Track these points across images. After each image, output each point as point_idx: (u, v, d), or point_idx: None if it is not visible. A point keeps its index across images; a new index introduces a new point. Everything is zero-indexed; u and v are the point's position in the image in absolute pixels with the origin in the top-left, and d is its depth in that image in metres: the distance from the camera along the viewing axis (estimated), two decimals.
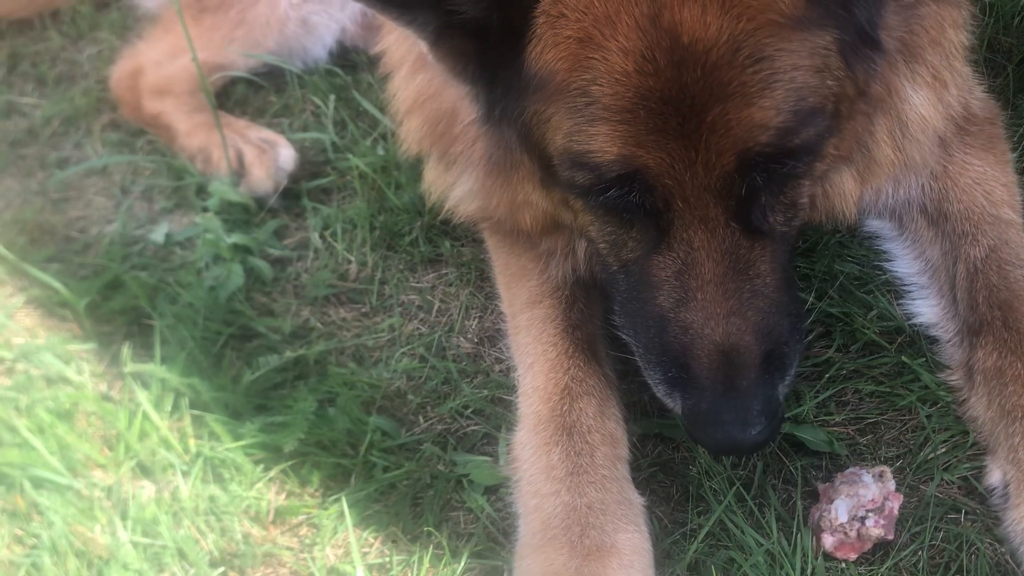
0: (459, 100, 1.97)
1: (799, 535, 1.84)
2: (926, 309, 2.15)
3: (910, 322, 2.14)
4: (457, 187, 2.11)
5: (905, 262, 2.23)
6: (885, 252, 2.28)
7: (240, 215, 2.59)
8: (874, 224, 2.30)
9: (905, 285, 2.21)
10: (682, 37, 1.52)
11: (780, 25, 1.54)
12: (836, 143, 1.74)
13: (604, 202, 1.67)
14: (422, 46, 1.76)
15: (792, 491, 1.92)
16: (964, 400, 1.98)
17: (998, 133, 2.26)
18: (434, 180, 2.22)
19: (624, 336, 1.87)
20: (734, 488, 1.91)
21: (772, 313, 1.69)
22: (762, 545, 1.82)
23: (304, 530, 1.96)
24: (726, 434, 1.66)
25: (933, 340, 2.11)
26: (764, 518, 1.88)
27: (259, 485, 2.00)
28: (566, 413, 1.95)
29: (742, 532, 1.85)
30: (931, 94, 1.96)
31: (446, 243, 2.49)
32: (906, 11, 1.83)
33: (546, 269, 2.15)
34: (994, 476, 1.88)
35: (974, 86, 2.17)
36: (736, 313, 1.66)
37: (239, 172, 2.60)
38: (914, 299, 2.18)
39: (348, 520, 1.88)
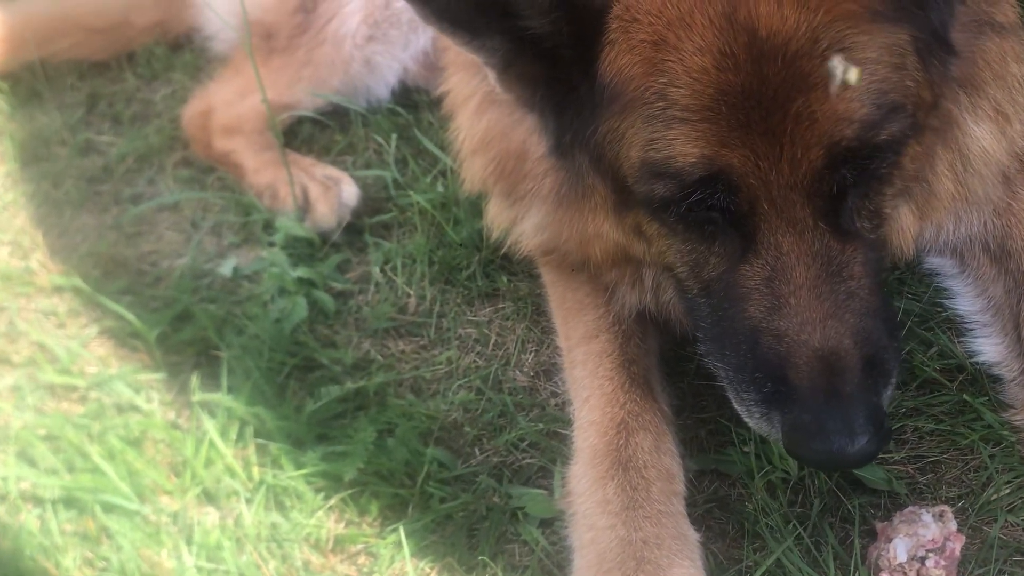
0: (527, 138, 2.01)
1: (856, 574, 1.82)
2: (989, 347, 2.12)
3: (972, 360, 2.11)
4: (524, 222, 2.14)
5: (967, 299, 2.20)
6: (946, 289, 2.25)
7: (305, 249, 2.67)
8: (935, 261, 2.28)
9: (967, 323, 2.18)
10: (760, 31, 1.52)
11: (857, 16, 1.54)
12: (912, 155, 1.72)
13: (685, 214, 1.65)
14: (490, 75, 1.79)
15: (850, 529, 1.90)
16: None
17: None
18: (497, 216, 2.26)
19: (711, 363, 1.81)
20: (790, 525, 1.90)
21: (869, 316, 1.63)
22: None
23: (362, 559, 2.00)
24: (832, 446, 1.57)
25: (996, 379, 2.08)
26: (821, 556, 1.86)
27: (319, 513, 2.05)
28: (622, 448, 1.95)
29: (799, 570, 1.83)
30: (994, 128, 1.95)
31: (503, 278, 2.53)
32: (968, 32, 1.81)
33: (604, 304, 2.17)
34: None
35: None
36: (832, 316, 1.60)
37: (304, 208, 2.68)
38: (976, 337, 2.15)
39: (406, 550, 1.91)
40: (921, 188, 1.88)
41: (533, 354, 2.39)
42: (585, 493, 1.94)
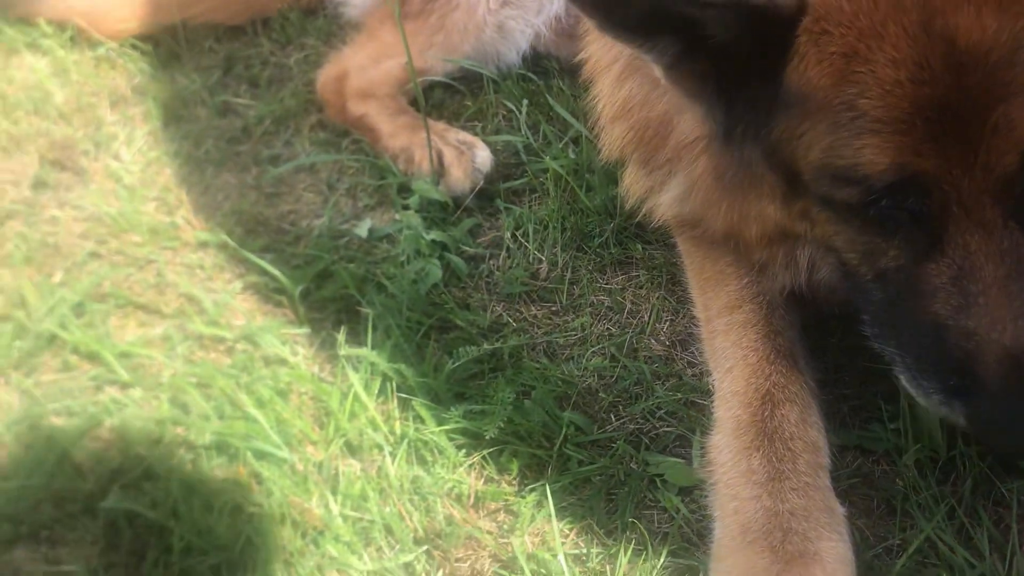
0: (671, 109, 2.00)
1: (1015, 559, 1.77)
2: None
3: None
4: (663, 192, 2.13)
5: None
6: None
7: (438, 213, 2.70)
8: None
9: None
10: (958, 41, 1.49)
11: None
12: None
13: (869, 215, 1.64)
14: (655, 69, 1.77)
15: (1004, 513, 1.85)
16: None
17: None
18: (633, 184, 2.25)
19: (880, 345, 1.81)
20: (941, 505, 1.86)
21: None
22: (975, 567, 1.77)
23: (502, 516, 2.03)
24: (1019, 437, 1.63)
25: None
26: (976, 539, 1.82)
27: (460, 470, 2.08)
28: (767, 419, 1.94)
29: (952, 551, 1.80)
30: None
31: (637, 246, 2.53)
32: None
33: (747, 274, 2.14)
34: None
35: None
36: (1023, 315, 1.59)
37: (439, 172, 2.71)
38: None
39: (551, 507, 1.94)
40: None
41: (668, 323, 2.38)
42: (728, 463, 1.93)
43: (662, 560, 1.87)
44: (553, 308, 2.47)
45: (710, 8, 1.52)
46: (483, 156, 2.73)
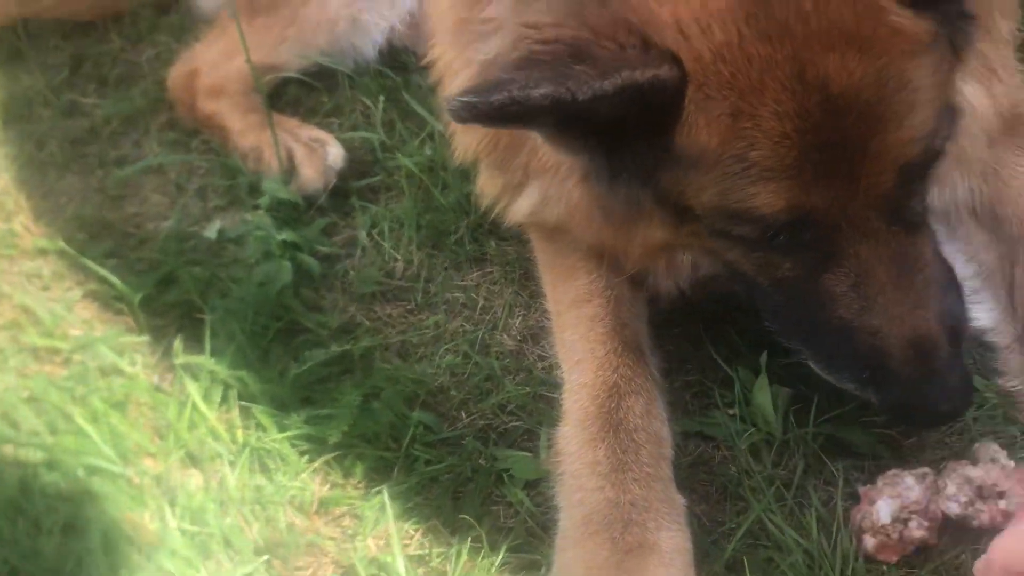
0: None
1: (839, 536, 1.82)
2: (982, 313, 2.11)
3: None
4: (520, 197, 2.12)
5: (958, 265, 2.18)
6: None
7: (290, 213, 2.65)
8: None
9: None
10: (831, 87, 1.54)
11: (912, 51, 1.58)
12: None
13: (764, 246, 1.72)
14: (535, 136, 1.76)
15: (833, 492, 1.90)
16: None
17: None
18: (487, 186, 2.23)
19: (787, 341, 1.88)
20: (773, 487, 1.90)
21: (943, 294, 1.75)
22: (801, 545, 1.81)
23: (347, 521, 2.00)
24: (933, 414, 1.76)
25: (988, 346, 2.08)
26: (804, 518, 1.86)
27: (304, 476, 2.04)
28: (614, 410, 1.95)
29: (781, 532, 1.84)
30: (981, 85, 1.96)
31: (491, 242, 2.52)
32: None
33: (596, 268, 2.15)
34: None
35: (1022, 86, 2.14)
36: (917, 307, 1.70)
37: (289, 170, 2.65)
38: (970, 303, 2.15)
39: (389, 511, 1.91)
40: None
41: (520, 318, 2.37)
42: (574, 455, 1.94)
43: (501, 556, 1.86)
44: (408, 307, 2.44)
45: (598, 101, 1.51)
46: (335, 154, 2.68)
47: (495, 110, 1.48)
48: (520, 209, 2.16)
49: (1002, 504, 1.79)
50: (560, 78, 1.47)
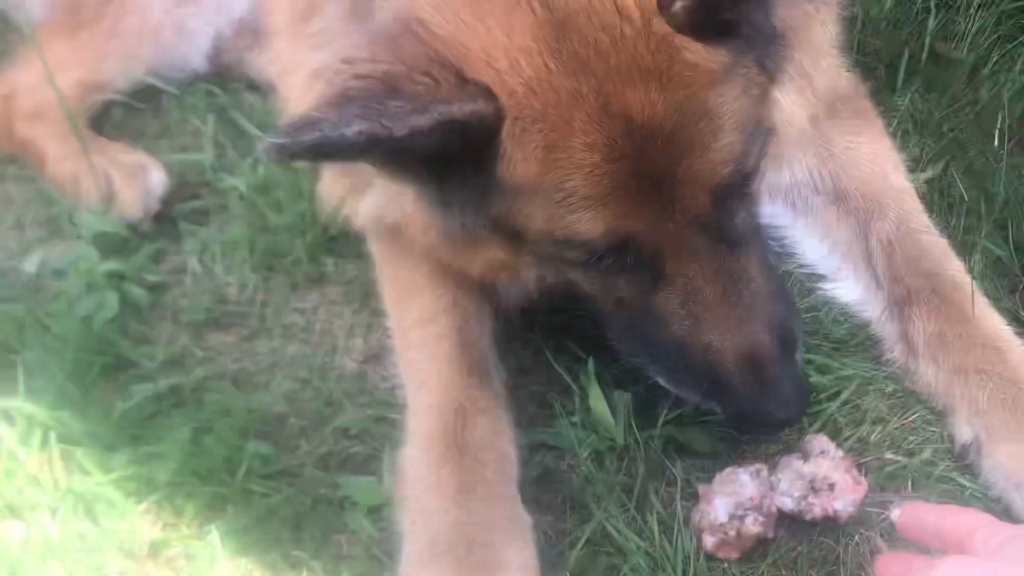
0: None
1: (680, 537, 1.84)
2: (846, 290, 2.21)
3: (835, 304, 2.21)
4: (363, 199, 2.07)
5: (811, 246, 2.29)
6: (788, 243, 2.32)
7: (115, 242, 2.52)
8: (768, 210, 2.33)
9: (818, 272, 2.27)
10: (634, 118, 1.58)
11: (712, 79, 1.62)
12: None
13: (593, 268, 1.75)
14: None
15: (674, 493, 1.92)
16: (911, 370, 2.05)
17: (868, 106, 2.37)
18: (330, 190, 2.17)
19: (630, 358, 1.91)
20: (615, 493, 1.91)
21: (773, 304, 1.80)
22: (642, 548, 1.82)
23: (180, 562, 1.90)
24: (770, 422, 1.81)
25: (858, 323, 2.16)
26: (646, 522, 1.88)
27: (132, 518, 1.93)
28: (459, 431, 1.93)
29: (624, 537, 1.85)
30: (796, 91, 2.03)
31: (329, 262, 2.45)
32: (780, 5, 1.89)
33: (441, 284, 2.13)
34: (964, 434, 1.95)
35: (840, 68, 2.23)
36: (747, 320, 1.76)
37: (108, 198, 2.52)
38: (831, 283, 2.24)
39: (217, 550, 1.83)
40: None
41: (362, 339, 2.32)
42: (418, 477, 1.91)
43: None
44: (243, 333, 2.35)
45: (417, 136, 1.48)
46: (157, 178, 2.56)
47: (308, 150, 1.45)
48: (363, 212, 2.11)
49: (833, 496, 1.84)
50: (374, 115, 1.45)
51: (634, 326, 1.84)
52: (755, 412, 1.78)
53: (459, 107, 1.51)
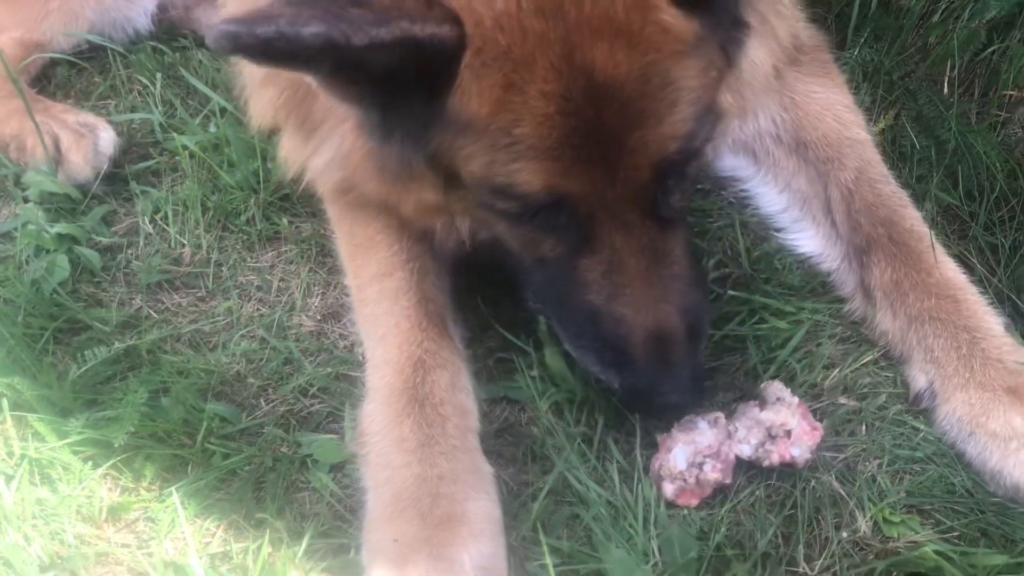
0: None
1: (640, 485, 1.86)
2: (806, 240, 2.23)
3: (794, 254, 2.23)
4: (318, 156, 2.04)
5: (770, 198, 2.31)
6: (748, 194, 2.34)
7: (64, 204, 2.47)
8: (730, 163, 2.35)
9: (778, 223, 2.28)
10: (596, 76, 1.56)
11: (680, 52, 1.60)
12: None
13: (525, 222, 1.73)
14: (309, 79, 1.66)
15: (634, 442, 1.94)
16: (869, 319, 2.08)
17: (828, 58, 2.38)
18: (291, 151, 2.12)
19: (543, 316, 1.94)
20: (576, 444, 1.92)
21: (689, 291, 1.81)
22: (603, 497, 1.84)
23: (141, 526, 1.89)
24: (665, 404, 1.82)
25: (818, 273, 2.18)
26: (607, 472, 1.90)
27: (90, 483, 1.91)
28: (419, 385, 1.93)
29: (585, 487, 1.86)
30: (759, 40, 2.03)
31: (284, 220, 2.43)
32: None
33: (397, 240, 2.12)
34: (919, 381, 1.98)
35: (800, 19, 2.24)
36: (663, 299, 1.77)
37: (56, 159, 2.46)
38: (791, 234, 2.25)
39: (179, 512, 1.81)
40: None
41: (319, 297, 2.30)
42: (380, 432, 1.91)
43: (304, 544, 1.80)
44: (198, 294, 2.32)
45: (375, 49, 1.44)
46: (106, 138, 2.51)
47: (261, 43, 1.39)
48: (318, 168, 2.06)
49: (790, 442, 1.87)
50: (334, 19, 1.40)
51: (552, 287, 1.84)
52: (650, 391, 1.80)
53: (422, 27, 1.47)
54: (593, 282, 1.77)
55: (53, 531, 1.85)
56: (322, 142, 2.03)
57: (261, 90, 2.09)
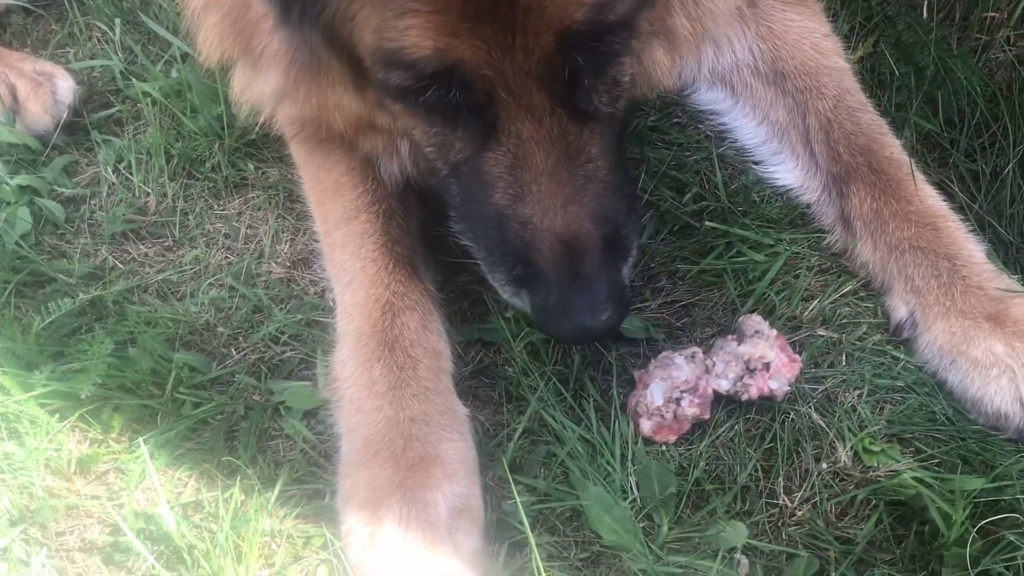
0: None
1: (617, 422, 1.84)
2: (785, 172, 2.18)
3: (773, 186, 2.18)
4: (266, 83, 1.95)
5: (749, 130, 2.26)
6: (726, 127, 2.28)
7: (24, 155, 2.40)
8: (707, 96, 2.30)
9: (756, 155, 2.23)
10: None
11: None
12: (649, 18, 1.73)
13: (424, 103, 1.58)
14: None
15: (611, 381, 1.91)
16: (849, 250, 2.04)
17: None
18: (244, 88, 2.04)
19: (464, 241, 1.81)
20: (551, 383, 1.89)
21: (607, 196, 1.67)
22: (578, 433, 1.82)
23: (111, 477, 1.86)
24: (577, 323, 1.63)
25: (797, 205, 2.14)
26: (583, 410, 1.87)
27: (58, 436, 1.88)
28: (388, 328, 1.90)
29: (561, 425, 1.84)
30: None
31: (250, 166, 2.36)
32: None
33: (362, 183, 2.06)
34: (899, 311, 1.95)
35: None
36: (573, 201, 1.63)
37: (14, 109, 2.39)
38: (769, 166, 2.21)
39: (148, 463, 1.78)
40: (664, 28, 1.86)
41: (288, 243, 2.25)
42: (351, 377, 1.88)
43: (277, 490, 1.78)
44: (165, 243, 2.27)
45: None
46: (65, 87, 2.43)
47: None
48: (266, 101, 1.98)
49: (768, 375, 1.85)
50: None
51: (465, 196, 1.72)
52: (558, 306, 1.63)
53: None
54: (498, 179, 1.63)
55: (22, 485, 1.82)
56: (268, 67, 1.96)
57: (204, 16, 1.99)
